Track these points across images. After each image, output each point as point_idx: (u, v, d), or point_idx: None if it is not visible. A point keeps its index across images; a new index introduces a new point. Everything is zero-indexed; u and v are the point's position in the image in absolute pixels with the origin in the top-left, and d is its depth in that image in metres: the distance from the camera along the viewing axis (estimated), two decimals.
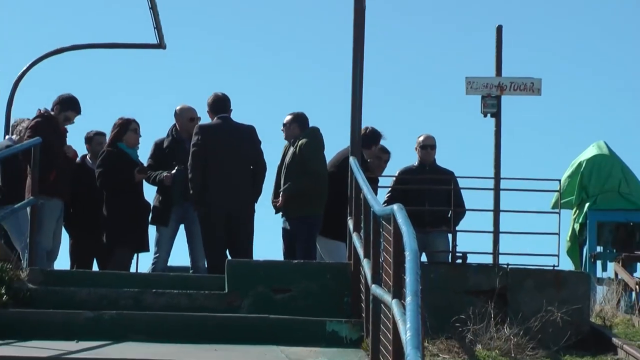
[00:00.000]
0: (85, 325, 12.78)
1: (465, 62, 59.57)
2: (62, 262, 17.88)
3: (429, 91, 57.97)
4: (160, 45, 24.47)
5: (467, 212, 18.82)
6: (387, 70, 49.27)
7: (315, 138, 17.11)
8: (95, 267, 17.89)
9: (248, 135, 17.04)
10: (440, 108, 50.79)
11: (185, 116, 17.60)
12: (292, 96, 53.90)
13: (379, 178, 18.06)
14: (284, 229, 17.46)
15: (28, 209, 15.80)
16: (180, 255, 17.97)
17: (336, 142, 18.00)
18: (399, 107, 50.56)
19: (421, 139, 18.76)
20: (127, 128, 17.75)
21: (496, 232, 17.89)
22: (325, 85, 55.60)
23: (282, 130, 17.31)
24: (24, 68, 25.13)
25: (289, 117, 17.23)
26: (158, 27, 23.77)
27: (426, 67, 56.15)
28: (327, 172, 17.05)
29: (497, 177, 18.08)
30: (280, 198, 16.88)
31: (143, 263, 18.81)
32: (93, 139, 18.34)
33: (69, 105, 17.05)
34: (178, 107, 17.81)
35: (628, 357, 15.25)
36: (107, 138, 18.02)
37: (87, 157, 18.21)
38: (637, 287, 21.89)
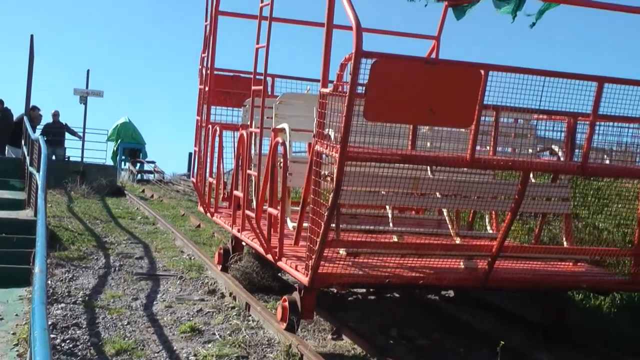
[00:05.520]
0: None
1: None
2: None
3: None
4: None
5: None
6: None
7: (9, 112, 15.03)
8: None
9: None
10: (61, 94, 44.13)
11: None
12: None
13: (38, 125, 16.22)
14: None
15: None
16: None
17: (20, 109, 15.84)
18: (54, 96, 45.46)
19: (53, 112, 16.70)
20: None
21: (83, 145, 16.72)
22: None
23: None
24: None
25: None
26: None
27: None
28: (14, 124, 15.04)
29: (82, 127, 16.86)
30: None
31: None
32: None
33: None
34: None
35: (131, 198, 14.72)
36: None
37: None
38: (136, 172, 21.32)
